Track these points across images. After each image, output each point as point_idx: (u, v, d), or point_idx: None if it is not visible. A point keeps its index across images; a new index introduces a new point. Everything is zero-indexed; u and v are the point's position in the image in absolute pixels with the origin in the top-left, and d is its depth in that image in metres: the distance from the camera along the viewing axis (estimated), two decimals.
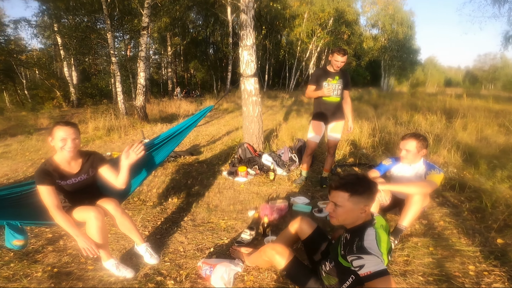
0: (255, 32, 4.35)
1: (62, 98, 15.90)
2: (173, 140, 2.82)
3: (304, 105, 12.60)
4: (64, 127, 1.88)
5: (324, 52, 25.88)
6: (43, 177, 1.84)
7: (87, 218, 1.88)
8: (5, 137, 7.71)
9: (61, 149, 1.88)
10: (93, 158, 2.10)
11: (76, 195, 2.04)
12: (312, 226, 1.86)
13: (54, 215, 1.83)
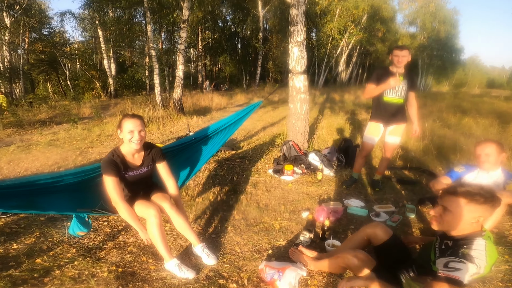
0: (305, 28, 4.20)
1: (101, 89, 16.64)
2: (221, 134, 2.76)
3: (337, 103, 12.20)
4: (131, 119, 1.89)
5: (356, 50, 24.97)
6: (110, 168, 1.84)
7: (147, 215, 1.88)
8: (51, 125, 8.17)
9: (129, 141, 1.88)
10: (154, 152, 2.10)
11: (134, 187, 2.05)
12: (388, 233, 1.79)
13: (118, 206, 1.85)
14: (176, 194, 2.15)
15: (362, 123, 6.67)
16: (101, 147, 5.59)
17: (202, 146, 2.65)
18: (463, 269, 1.22)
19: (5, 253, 2.13)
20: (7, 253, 2.13)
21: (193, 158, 2.61)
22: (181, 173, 2.60)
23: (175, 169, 2.53)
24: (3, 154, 5.13)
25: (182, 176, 2.58)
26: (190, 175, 2.57)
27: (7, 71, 14.94)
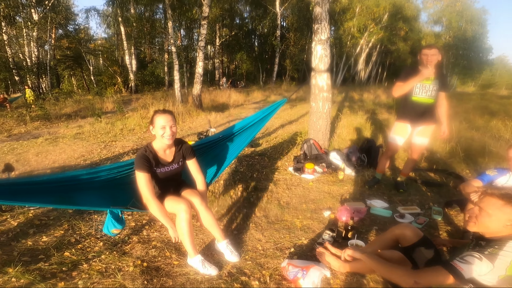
0: (330, 26, 4.15)
1: (122, 84, 17.11)
2: (247, 132, 2.76)
3: (356, 102, 11.95)
4: (163, 114, 1.90)
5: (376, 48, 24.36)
6: (143, 163, 1.85)
7: (178, 210, 1.89)
8: (77, 118, 8.49)
9: (161, 137, 1.89)
10: (184, 148, 2.11)
11: (164, 183, 2.06)
12: (418, 235, 1.77)
13: (148, 202, 1.86)
14: (204, 190, 2.16)
15: (383, 123, 6.50)
16: (124, 141, 5.75)
17: (228, 144, 2.66)
18: (473, 264, 1.24)
19: (34, 245, 2.19)
20: (37, 245, 2.19)
21: (220, 156, 2.61)
22: (209, 171, 2.61)
23: (203, 167, 2.55)
24: (31, 146, 5.38)
25: (210, 174, 2.60)
26: (217, 173, 2.58)
27: (35, 66, 15.63)
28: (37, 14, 14.82)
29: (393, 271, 1.53)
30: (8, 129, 7.07)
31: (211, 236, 2.29)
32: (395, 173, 3.82)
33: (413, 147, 3.18)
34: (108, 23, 19.61)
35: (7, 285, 1.73)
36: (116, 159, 4.54)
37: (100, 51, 20.27)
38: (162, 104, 8.56)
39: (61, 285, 1.76)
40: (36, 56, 15.75)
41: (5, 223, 2.51)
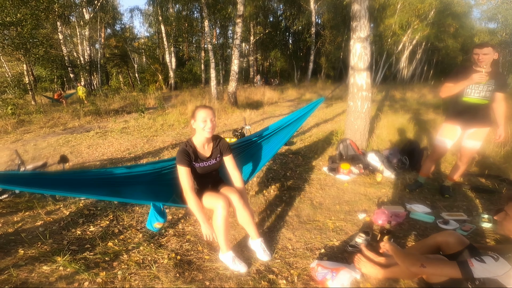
0: (369, 24, 3.98)
1: (163, 81, 18.05)
2: (284, 131, 2.76)
3: (398, 101, 11.26)
4: (204, 109, 1.98)
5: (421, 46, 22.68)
6: (183, 158, 1.94)
7: (215, 206, 1.91)
8: (123, 114, 9.14)
9: (202, 130, 1.95)
10: (221, 144, 2.15)
11: (203, 179, 2.12)
12: (464, 243, 1.67)
13: (188, 196, 1.92)
14: (241, 187, 2.18)
15: (428, 123, 6.06)
16: (164, 136, 6.08)
17: (264, 144, 2.68)
18: (487, 264, 1.28)
19: (82, 235, 2.38)
20: (84, 235, 2.38)
21: (256, 155, 2.64)
22: (245, 170, 2.65)
23: (240, 166, 2.58)
24: (83, 139, 5.92)
25: (246, 173, 2.64)
26: (253, 172, 2.61)
27: (87, 64, 17.10)
28: (88, 14, 16.17)
29: (406, 255, 1.60)
30: (63, 123, 7.86)
31: (242, 233, 2.34)
32: (440, 177, 3.57)
33: (463, 151, 2.93)
34: (150, 22, 20.75)
35: (54, 274, 1.88)
36: (156, 153, 4.82)
37: (143, 50, 21.54)
38: (199, 101, 8.88)
39: (102, 275, 1.87)
40: (88, 55, 17.23)
41: (58, 212, 2.76)
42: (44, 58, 11.10)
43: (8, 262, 1.97)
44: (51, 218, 2.64)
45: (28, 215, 2.70)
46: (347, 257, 2.09)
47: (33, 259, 2.02)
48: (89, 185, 1.87)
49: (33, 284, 1.79)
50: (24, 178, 1.68)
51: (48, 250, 2.13)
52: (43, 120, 8.04)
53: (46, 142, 5.81)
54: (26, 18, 6.78)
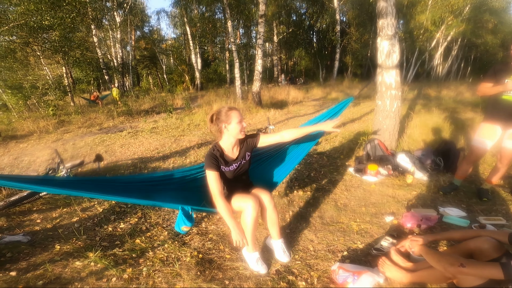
0: (397, 21, 3.82)
1: (189, 82, 18.58)
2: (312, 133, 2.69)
3: (432, 99, 10.63)
4: (235, 111, 1.91)
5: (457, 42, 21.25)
6: (211, 162, 1.88)
7: (245, 207, 1.88)
8: (152, 114, 9.53)
9: (239, 132, 1.90)
10: (248, 140, 2.09)
11: (233, 183, 2.07)
12: (500, 250, 1.56)
13: (217, 201, 1.86)
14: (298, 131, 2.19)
15: (466, 123, 5.66)
16: (190, 135, 6.25)
17: (294, 147, 2.63)
18: None
19: (113, 231, 2.50)
20: (115, 231, 2.50)
21: (286, 160, 2.59)
22: (276, 175, 2.59)
23: (271, 171, 2.56)
24: (117, 138, 6.26)
25: (276, 178, 2.57)
26: (283, 176, 2.55)
27: (120, 66, 18.04)
28: (119, 17, 17.05)
29: (442, 255, 1.51)
30: (99, 123, 8.36)
31: (263, 234, 2.35)
32: (478, 180, 3.34)
33: (504, 152, 2.71)
34: (175, 23, 21.40)
35: (85, 269, 1.97)
36: (183, 153, 4.97)
37: (170, 51, 22.31)
38: (224, 101, 9.01)
39: (129, 271, 1.94)
40: (120, 57, 18.18)
41: (92, 209, 2.94)
42: (80, 61, 11.89)
43: (44, 257, 2.12)
44: (86, 215, 2.82)
45: (66, 212, 2.90)
46: (371, 261, 2.02)
47: (67, 255, 2.15)
48: (121, 190, 1.94)
49: (66, 279, 1.90)
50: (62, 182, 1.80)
51: (82, 246, 2.27)
52: (81, 121, 8.62)
53: (83, 141, 6.22)
54: (63, 21, 7.29)
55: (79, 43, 11.19)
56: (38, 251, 2.20)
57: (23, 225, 2.64)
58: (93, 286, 1.83)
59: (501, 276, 1.27)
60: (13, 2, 6.74)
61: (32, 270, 1.96)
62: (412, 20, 18.39)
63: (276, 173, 2.57)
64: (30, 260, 2.09)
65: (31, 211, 2.90)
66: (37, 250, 2.21)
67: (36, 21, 6.89)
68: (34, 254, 2.16)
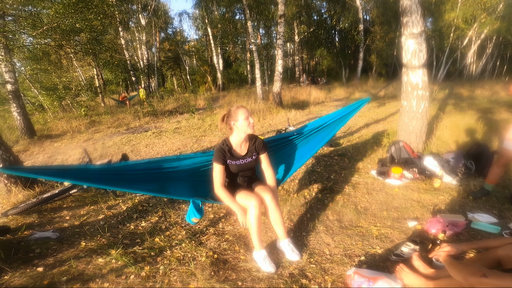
0: (423, 19, 3.66)
1: (212, 83, 18.91)
2: (324, 132, 2.65)
3: (464, 99, 10.01)
4: (242, 108, 2.06)
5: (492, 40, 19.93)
6: (218, 156, 2.05)
7: (248, 205, 1.98)
8: (176, 114, 9.80)
9: (247, 127, 2.02)
10: (257, 143, 2.20)
11: (238, 177, 2.19)
12: None
13: (218, 191, 2.02)
14: (274, 186, 2.20)
15: (501, 124, 5.28)
16: (211, 136, 6.36)
17: (304, 144, 2.63)
18: None
19: (135, 229, 2.59)
20: (136, 230, 2.59)
21: (294, 155, 2.61)
22: (282, 169, 2.63)
23: (277, 165, 2.59)
24: (142, 138, 6.50)
25: (282, 173, 2.62)
26: (290, 171, 2.58)
27: (146, 67, 18.73)
28: (143, 19, 17.71)
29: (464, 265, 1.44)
30: (127, 123, 8.73)
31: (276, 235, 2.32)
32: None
33: None
34: (197, 25, 21.86)
35: (107, 266, 2.05)
36: None
37: (193, 52, 22.81)
38: (245, 101, 9.06)
39: (147, 269, 2.00)
40: (146, 58, 18.88)
41: (117, 207, 3.06)
42: (110, 63, 12.49)
43: (70, 254, 2.23)
44: (111, 213, 2.95)
45: (93, 209, 3.04)
46: (389, 266, 1.94)
47: (91, 252, 2.25)
48: (139, 180, 2.04)
49: (88, 275, 1.98)
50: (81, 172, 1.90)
51: (105, 243, 2.36)
52: (110, 121, 9.05)
53: (112, 141, 6.53)
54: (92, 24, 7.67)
55: (109, 45, 11.76)
56: (65, 248, 2.31)
57: (53, 221, 2.80)
58: (112, 283, 1.90)
59: None
60: (45, 5, 7.19)
61: (58, 266, 2.06)
62: (441, 18, 17.56)
63: (282, 169, 2.58)
64: (57, 256, 2.20)
65: (62, 208, 3.07)
66: (64, 247, 2.33)
67: (69, 24, 7.31)
68: (61, 251, 2.27)
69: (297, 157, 2.61)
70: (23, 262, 2.12)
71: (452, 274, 1.46)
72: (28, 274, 1.98)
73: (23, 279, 1.92)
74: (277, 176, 2.57)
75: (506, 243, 1.55)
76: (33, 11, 7.59)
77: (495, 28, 16.61)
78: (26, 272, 2.00)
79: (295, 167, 2.60)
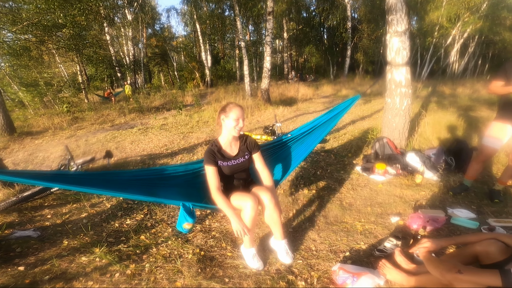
0: (407, 17, 3.73)
1: (200, 79, 18.71)
2: (317, 132, 2.66)
3: (447, 97, 10.32)
4: (238, 107, 1.95)
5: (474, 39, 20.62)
6: (209, 157, 1.95)
7: (244, 206, 1.89)
8: (163, 111, 9.65)
9: (233, 128, 1.94)
10: (249, 142, 2.12)
11: (232, 179, 2.09)
12: (506, 253, 1.50)
13: (214, 195, 1.91)
14: (271, 186, 2.10)
15: (481, 121, 5.48)
16: (199, 132, 6.30)
17: (298, 145, 2.62)
18: None
19: (119, 227, 2.54)
20: (121, 227, 2.54)
21: (289, 157, 2.58)
22: (280, 170, 2.60)
23: (273, 167, 2.56)
24: (127, 135, 6.37)
25: (279, 175, 2.58)
26: (286, 173, 2.55)
27: (132, 63, 18.32)
28: (130, 15, 17.29)
29: (441, 261, 1.48)
30: (111, 120, 8.53)
31: (265, 231, 2.35)
32: (491, 181, 3.23)
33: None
34: (185, 21, 21.55)
35: (91, 265, 2.01)
36: (191, 150, 5.02)
37: (181, 48, 22.49)
38: (233, 97, 9.02)
39: (132, 267, 1.97)
40: (132, 54, 18.45)
41: (101, 205, 3.00)
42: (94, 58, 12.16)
43: (52, 253, 2.18)
44: (94, 211, 2.88)
45: (75, 207, 2.97)
46: (373, 262, 1.98)
47: (74, 250, 2.20)
48: (127, 186, 1.98)
49: (71, 274, 1.94)
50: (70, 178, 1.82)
51: (89, 242, 2.31)
52: (94, 117, 8.82)
53: (95, 138, 6.36)
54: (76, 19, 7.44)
55: (92, 41, 11.42)
56: (47, 246, 2.26)
57: (34, 220, 2.72)
58: (96, 281, 1.87)
59: (499, 284, 1.22)
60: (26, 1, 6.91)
61: (40, 265, 2.02)
62: (426, 16, 17.96)
63: (279, 170, 2.56)
64: (39, 255, 2.15)
65: (43, 207, 2.99)
66: (46, 245, 2.27)
67: (50, 20, 7.06)
68: (43, 249, 2.22)
69: (293, 158, 2.58)
70: (4, 261, 2.06)
71: (429, 270, 1.50)
72: (9, 273, 1.93)
73: (4, 278, 1.87)
74: (274, 177, 2.53)
75: (483, 238, 1.59)
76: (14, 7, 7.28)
77: (478, 28, 17.15)
78: (7, 271, 1.95)
79: (292, 168, 2.56)
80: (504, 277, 1.21)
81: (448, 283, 1.43)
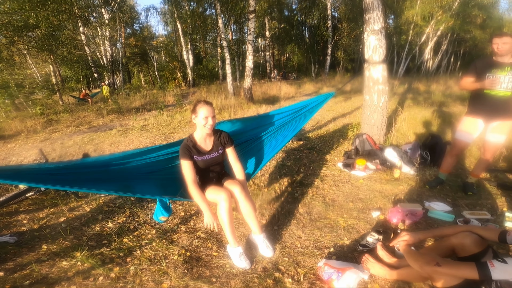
0: (383, 16, 3.86)
1: (181, 79, 18.40)
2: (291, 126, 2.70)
3: (421, 94, 10.76)
4: (206, 106, 2.01)
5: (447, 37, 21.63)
6: (184, 152, 2.02)
7: (218, 199, 1.96)
8: (143, 112, 9.42)
9: (203, 126, 2.01)
10: (222, 137, 2.19)
11: (206, 172, 2.17)
12: (481, 245, 1.55)
13: (190, 188, 1.98)
14: (243, 179, 2.18)
15: (454, 116, 5.76)
16: (181, 132, 6.21)
17: (271, 139, 2.66)
18: (508, 264, 1.22)
19: (101, 231, 2.48)
20: (102, 231, 2.48)
21: (263, 149, 2.64)
22: (252, 163, 2.66)
23: (246, 160, 2.61)
24: (106, 137, 6.17)
25: (252, 168, 2.64)
26: (259, 167, 2.61)
27: (110, 63, 17.73)
28: (107, 14, 16.70)
29: (420, 254, 1.54)
30: (89, 122, 8.23)
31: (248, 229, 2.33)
32: (464, 174, 3.40)
33: (487, 145, 2.78)
34: (166, 20, 21.13)
35: (72, 269, 1.96)
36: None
37: (161, 48, 22.03)
38: (216, 97, 8.96)
39: (116, 270, 1.94)
40: (110, 54, 17.85)
41: (80, 209, 2.90)
42: (68, 59, 11.66)
43: (31, 258, 2.10)
44: (73, 215, 2.78)
45: (53, 212, 2.85)
46: (357, 257, 2.04)
47: (54, 255, 2.13)
48: (101, 180, 1.95)
49: (53, 279, 1.88)
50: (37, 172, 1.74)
51: (69, 246, 2.24)
52: (69, 119, 8.47)
53: (72, 140, 6.12)
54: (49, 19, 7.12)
55: (66, 41, 10.95)
56: (25, 252, 2.18)
57: (10, 226, 2.60)
58: (79, 285, 1.82)
59: (476, 276, 1.28)
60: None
61: (19, 270, 1.95)
62: (402, 15, 18.59)
63: (252, 163, 2.61)
64: (17, 260, 2.07)
65: (18, 212, 2.85)
66: (24, 251, 2.19)
67: (21, 20, 6.71)
68: (21, 255, 2.14)
69: (265, 151, 2.64)
70: None
71: (409, 263, 1.56)
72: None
73: None
74: (247, 170, 2.59)
75: (459, 231, 1.64)
76: None
77: (450, 26, 17.94)
78: None
79: (265, 161, 2.63)
80: (481, 270, 1.27)
81: (428, 276, 1.49)
